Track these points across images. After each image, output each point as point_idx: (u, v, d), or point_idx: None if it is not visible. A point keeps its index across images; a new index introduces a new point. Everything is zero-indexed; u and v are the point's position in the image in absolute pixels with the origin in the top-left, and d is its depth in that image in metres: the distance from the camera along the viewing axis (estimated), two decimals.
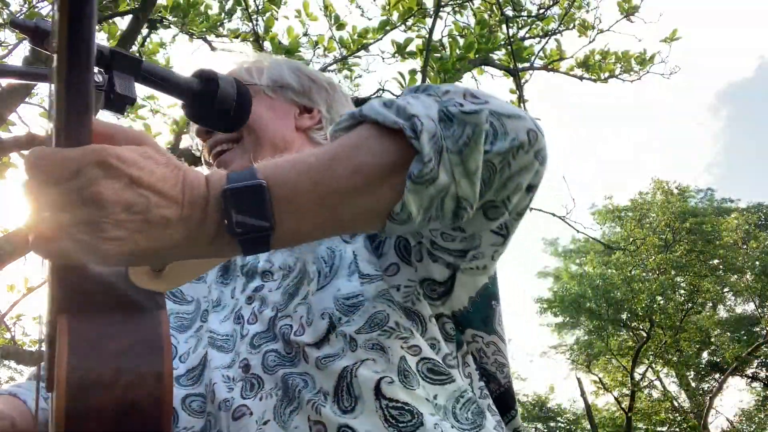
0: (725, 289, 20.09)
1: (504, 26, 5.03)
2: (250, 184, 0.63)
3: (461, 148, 0.69)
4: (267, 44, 4.51)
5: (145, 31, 5.01)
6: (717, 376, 19.10)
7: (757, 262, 19.05)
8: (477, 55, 4.56)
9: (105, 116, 0.79)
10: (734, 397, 37.82)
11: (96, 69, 0.76)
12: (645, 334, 18.41)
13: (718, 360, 19.12)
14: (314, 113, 1.19)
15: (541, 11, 5.62)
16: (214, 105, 0.92)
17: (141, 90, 1.08)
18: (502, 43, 4.94)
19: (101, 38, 4.68)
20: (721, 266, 19.30)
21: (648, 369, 19.68)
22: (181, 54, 17.77)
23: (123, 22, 4.61)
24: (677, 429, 18.95)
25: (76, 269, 0.63)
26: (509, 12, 5.39)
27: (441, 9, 4.82)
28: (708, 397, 18.47)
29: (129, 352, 0.61)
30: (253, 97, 1.11)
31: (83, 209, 0.55)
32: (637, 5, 5.56)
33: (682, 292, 19.41)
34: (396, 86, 4.60)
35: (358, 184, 0.66)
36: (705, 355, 19.82)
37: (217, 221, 0.62)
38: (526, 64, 5.47)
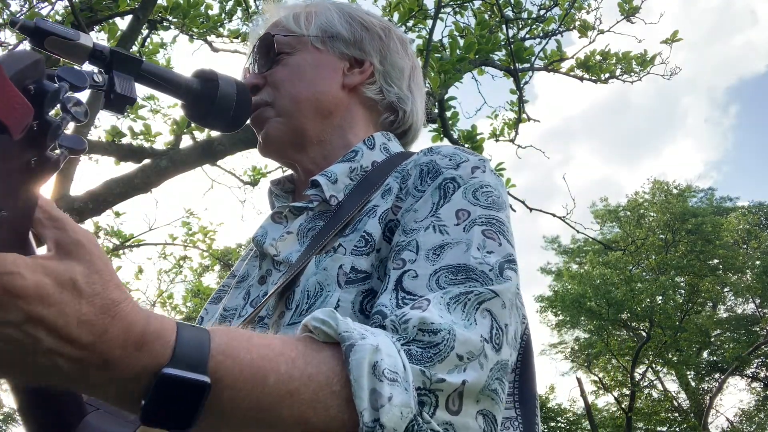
0: (725, 289, 20.09)
1: (504, 27, 5.03)
2: (194, 381, 0.54)
3: None
4: None
5: (145, 31, 5.01)
6: (717, 376, 19.11)
7: (758, 262, 19.06)
8: (477, 56, 4.55)
9: (105, 116, 0.78)
10: (734, 397, 37.86)
11: (96, 69, 0.77)
12: (645, 334, 18.41)
13: (718, 360, 19.12)
14: (365, 66, 1.09)
15: (542, 12, 5.62)
16: (214, 105, 0.92)
17: (141, 90, 1.06)
18: (503, 43, 4.93)
19: (101, 38, 4.68)
20: (721, 266, 19.30)
21: (648, 369, 19.67)
22: (182, 54, 17.78)
23: (123, 23, 4.61)
24: (677, 429, 18.94)
25: None
26: (509, 13, 5.39)
27: (441, 10, 4.82)
28: (708, 397, 18.48)
29: None
30: (299, 51, 1.07)
31: None
32: (637, 6, 5.56)
33: (682, 292, 19.41)
34: None
35: None
36: (705, 354, 19.82)
37: (132, 392, 0.55)
38: (527, 65, 5.46)
